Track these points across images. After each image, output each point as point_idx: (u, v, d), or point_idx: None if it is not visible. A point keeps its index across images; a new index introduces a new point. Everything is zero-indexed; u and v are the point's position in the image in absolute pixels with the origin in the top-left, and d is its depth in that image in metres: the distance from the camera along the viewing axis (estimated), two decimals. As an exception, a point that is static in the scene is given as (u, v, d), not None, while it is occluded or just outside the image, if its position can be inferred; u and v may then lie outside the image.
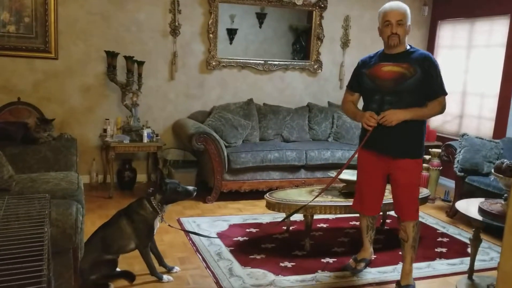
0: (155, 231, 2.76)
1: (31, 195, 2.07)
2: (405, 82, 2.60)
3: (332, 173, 3.66)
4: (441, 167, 4.80)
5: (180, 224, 3.74)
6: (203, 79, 5.02)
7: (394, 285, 2.85)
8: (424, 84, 2.61)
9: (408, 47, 2.72)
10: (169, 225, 2.88)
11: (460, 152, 4.18)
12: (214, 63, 4.99)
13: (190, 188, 2.81)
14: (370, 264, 3.12)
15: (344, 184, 3.53)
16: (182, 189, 2.77)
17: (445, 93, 2.69)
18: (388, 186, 2.87)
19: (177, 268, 2.91)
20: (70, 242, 2.20)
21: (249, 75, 5.20)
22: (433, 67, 2.64)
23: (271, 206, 3.32)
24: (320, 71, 5.43)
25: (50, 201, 1.93)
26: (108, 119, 4.57)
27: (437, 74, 2.65)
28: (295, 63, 5.37)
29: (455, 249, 3.52)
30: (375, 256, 3.22)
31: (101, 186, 4.70)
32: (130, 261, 2.89)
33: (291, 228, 3.68)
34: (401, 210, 2.77)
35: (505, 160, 2.86)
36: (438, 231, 3.88)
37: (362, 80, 2.80)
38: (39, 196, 2.00)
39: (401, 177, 2.70)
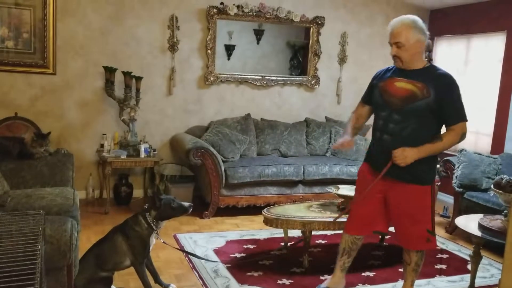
0: (150, 247, 2.72)
1: (25, 212, 2.04)
2: (414, 103, 2.39)
3: (330, 188, 3.64)
4: (440, 183, 4.78)
5: (177, 240, 3.70)
6: (201, 94, 5.03)
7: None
8: (436, 109, 2.38)
9: (428, 64, 2.50)
10: (164, 242, 2.84)
11: (458, 167, 4.18)
12: (212, 79, 5.00)
13: (186, 204, 2.75)
14: None
15: (343, 199, 3.50)
16: (177, 205, 2.70)
17: (465, 119, 2.42)
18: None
19: (173, 286, 2.85)
20: (64, 259, 2.17)
21: (246, 90, 5.21)
22: (452, 89, 2.39)
23: (268, 221, 3.29)
24: (317, 86, 5.45)
25: (44, 217, 1.91)
26: (105, 134, 4.56)
27: (456, 97, 2.40)
28: (293, 78, 5.39)
29: (455, 265, 3.48)
30: (374, 273, 3.17)
31: (97, 202, 4.66)
32: (125, 278, 2.85)
33: (289, 244, 3.64)
34: (398, 237, 2.65)
35: (505, 176, 2.86)
36: (437, 247, 3.84)
37: (373, 92, 2.62)
38: (33, 212, 1.97)
39: (398, 202, 2.52)
